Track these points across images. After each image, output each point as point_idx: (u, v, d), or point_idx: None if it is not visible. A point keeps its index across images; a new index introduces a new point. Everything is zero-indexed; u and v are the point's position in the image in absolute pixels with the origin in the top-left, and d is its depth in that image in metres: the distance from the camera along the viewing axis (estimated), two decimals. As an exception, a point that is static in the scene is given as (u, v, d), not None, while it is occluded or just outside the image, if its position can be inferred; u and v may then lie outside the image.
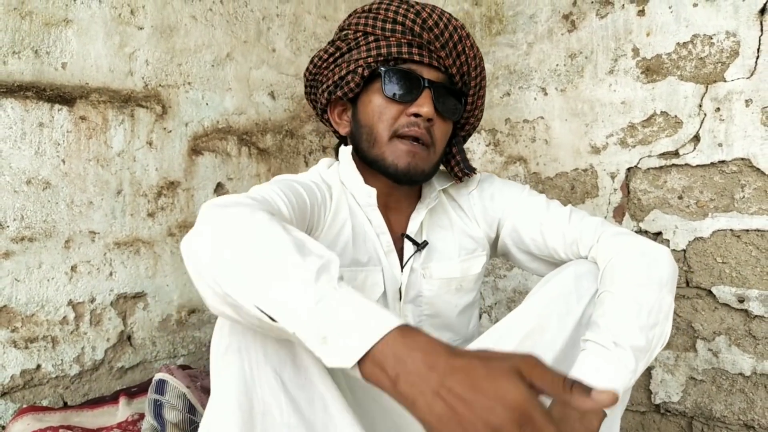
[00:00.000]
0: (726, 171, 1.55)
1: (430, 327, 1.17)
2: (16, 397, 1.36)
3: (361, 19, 1.09)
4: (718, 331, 1.58)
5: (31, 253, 1.38)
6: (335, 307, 0.63)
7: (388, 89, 1.06)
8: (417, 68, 1.07)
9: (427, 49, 1.06)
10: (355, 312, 0.62)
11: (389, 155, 1.07)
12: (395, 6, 1.07)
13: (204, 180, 1.70)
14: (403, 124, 1.06)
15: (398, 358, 0.59)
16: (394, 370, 0.59)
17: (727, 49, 1.53)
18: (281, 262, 0.67)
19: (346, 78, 1.10)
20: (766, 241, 1.50)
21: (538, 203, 1.18)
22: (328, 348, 0.61)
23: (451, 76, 1.09)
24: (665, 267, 1.00)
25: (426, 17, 1.05)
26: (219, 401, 0.79)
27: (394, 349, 0.59)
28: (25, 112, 1.37)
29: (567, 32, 1.81)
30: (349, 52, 1.10)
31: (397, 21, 1.05)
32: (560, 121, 1.83)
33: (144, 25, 1.57)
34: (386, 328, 0.60)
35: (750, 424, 1.54)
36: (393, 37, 1.06)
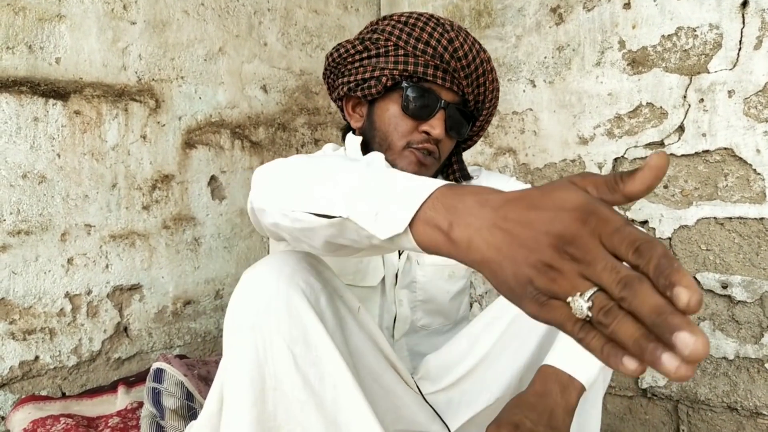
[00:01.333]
0: (710, 160, 1.59)
1: (423, 312, 1.21)
2: (15, 388, 1.38)
3: (396, 30, 1.11)
4: (702, 317, 1.62)
5: (28, 246, 1.40)
6: (382, 181, 0.64)
7: (407, 104, 1.11)
8: (437, 89, 1.11)
9: (451, 75, 1.10)
10: (401, 183, 0.62)
11: (400, 162, 1.12)
12: (431, 27, 1.10)
13: (198, 173, 1.72)
14: (416, 140, 1.11)
15: (449, 207, 0.56)
16: (447, 220, 0.56)
17: (711, 42, 1.57)
18: (331, 168, 0.72)
19: (369, 82, 1.13)
20: (748, 228, 1.54)
21: None
22: (381, 219, 0.61)
23: (466, 99, 1.14)
24: None
25: (458, 47, 1.09)
26: (232, 377, 0.81)
27: (443, 201, 0.57)
28: (20, 107, 1.38)
29: (555, 25, 1.84)
30: (377, 57, 1.13)
31: (429, 44, 1.08)
32: (549, 113, 1.86)
33: (137, 20, 1.59)
34: (432, 188, 0.59)
35: (733, 407, 1.58)
36: (423, 57, 1.09)
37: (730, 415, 1.59)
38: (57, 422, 1.22)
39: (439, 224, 0.56)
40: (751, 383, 1.55)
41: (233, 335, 0.81)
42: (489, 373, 1.04)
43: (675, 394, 1.67)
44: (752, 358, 1.55)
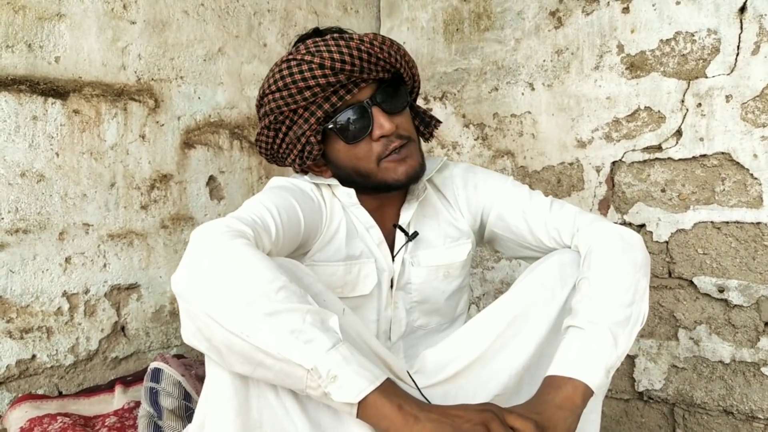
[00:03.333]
0: (707, 165, 1.60)
1: (419, 312, 1.21)
2: (12, 387, 1.38)
3: (279, 101, 1.07)
4: (699, 320, 1.62)
5: (26, 245, 1.39)
6: (346, 355, 0.74)
7: (346, 137, 1.09)
8: (354, 98, 1.07)
9: (353, 79, 1.06)
10: (359, 362, 0.75)
11: (387, 177, 1.10)
12: (297, 71, 1.04)
13: (196, 173, 1.72)
14: (379, 151, 1.09)
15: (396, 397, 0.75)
16: (396, 403, 0.75)
17: (709, 46, 1.57)
18: (288, 308, 0.76)
19: (304, 150, 1.11)
20: (745, 232, 1.55)
21: (522, 193, 1.21)
22: (336, 385, 0.72)
23: (379, 70, 1.09)
24: (639, 252, 1.04)
25: (330, 64, 1.03)
26: (215, 386, 0.82)
27: (390, 393, 0.75)
28: (19, 106, 1.38)
29: (554, 28, 1.85)
30: (289, 129, 1.11)
31: (309, 86, 1.04)
32: (547, 116, 1.87)
33: (136, 20, 1.59)
34: (383, 377, 0.75)
35: (729, 410, 1.59)
36: (316, 98, 1.05)
37: (725, 419, 1.60)
38: (54, 421, 1.22)
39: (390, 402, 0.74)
40: (747, 387, 1.56)
41: None
42: (486, 370, 1.03)
43: (671, 398, 1.68)
44: (748, 362, 1.55)
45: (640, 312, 0.98)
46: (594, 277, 0.99)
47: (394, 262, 1.17)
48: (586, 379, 0.88)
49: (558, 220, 1.14)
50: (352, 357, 0.75)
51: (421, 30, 2.15)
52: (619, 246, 1.03)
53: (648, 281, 1.02)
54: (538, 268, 1.09)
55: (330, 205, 1.14)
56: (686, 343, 1.64)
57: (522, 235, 1.19)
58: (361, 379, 0.73)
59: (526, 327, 1.03)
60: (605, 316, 0.93)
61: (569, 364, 0.90)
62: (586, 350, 0.90)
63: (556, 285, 1.05)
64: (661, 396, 1.70)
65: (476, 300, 2.06)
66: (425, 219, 1.22)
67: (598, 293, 0.96)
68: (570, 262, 1.07)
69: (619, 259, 1.01)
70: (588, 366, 0.89)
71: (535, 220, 1.16)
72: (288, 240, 1.00)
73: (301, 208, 1.05)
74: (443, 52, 2.10)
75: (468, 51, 2.03)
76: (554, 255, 1.10)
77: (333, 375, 0.72)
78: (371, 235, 1.16)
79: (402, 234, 1.18)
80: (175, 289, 0.81)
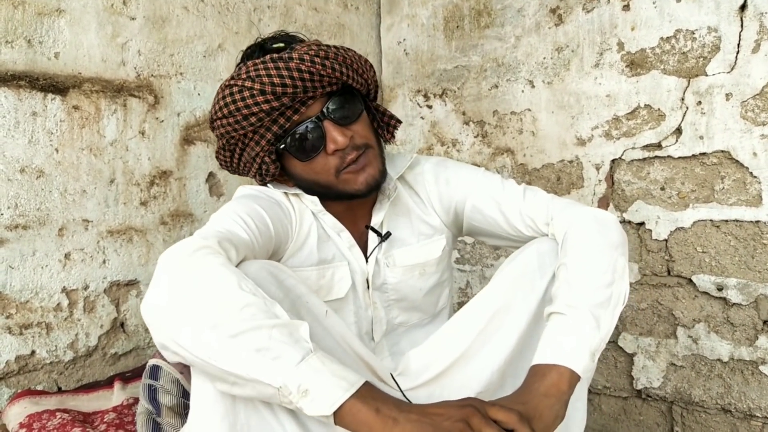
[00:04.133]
0: (707, 163, 1.60)
1: (399, 309, 1.21)
2: (11, 383, 1.38)
3: (228, 126, 1.06)
4: (697, 319, 1.62)
5: (25, 241, 1.40)
6: (317, 366, 0.73)
7: (300, 155, 1.07)
8: (304, 114, 1.05)
9: (298, 99, 1.03)
10: (332, 371, 0.74)
11: (348, 188, 1.09)
12: (239, 97, 1.02)
13: (196, 169, 1.72)
14: (336, 164, 1.07)
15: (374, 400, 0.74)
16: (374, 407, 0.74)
17: (709, 44, 1.57)
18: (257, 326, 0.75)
19: (261, 168, 1.11)
20: (744, 231, 1.55)
21: (494, 183, 1.19)
22: (308, 399, 0.71)
23: (331, 81, 1.05)
24: (614, 231, 1.03)
25: (270, 90, 1.00)
26: (200, 391, 0.82)
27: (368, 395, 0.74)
28: (19, 101, 1.38)
29: (554, 26, 1.85)
30: (243, 151, 1.10)
31: (253, 113, 1.02)
32: (547, 114, 1.87)
33: (136, 16, 1.58)
34: (360, 383, 0.74)
35: (727, 408, 1.59)
36: (262, 122, 1.04)
37: (723, 417, 1.60)
38: (53, 417, 1.22)
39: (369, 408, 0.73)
40: (745, 385, 1.56)
41: None
42: (469, 368, 1.03)
43: (669, 396, 1.68)
44: (746, 360, 1.56)
45: (621, 291, 0.97)
46: (571, 261, 0.98)
47: (368, 263, 1.17)
48: (571, 364, 0.87)
49: (531, 208, 1.13)
50: (324, 367, 0.73)
51: (421, 27, 2.14)
52: (593, 228, 1.02)
53: (626, 260, 1.01)
54: (516, 259, 1.09)
55: (299, 210, 1.13)
56: (685, 341, 1.65)
57: (499, 226, 1.18)
58: (334, 389, 0.72)
59: (507, 320, 1.03)
60: (585, 299, 0.92)
61: (553, 351, 0.88)
62: (569, 335, 0.89)
63: (535, 275, 1.04)
64: (660, 394, 1.70)
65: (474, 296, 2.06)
66: (398, 218, 1.21)
67: (576, 277, 0.95)
68: (548, 250, 1.06)
69: (594, 241, 1.00)
70: (572, 351, 0.88)
71: (509, 209, 1.15)
72: (262, 248, 0.99)
73: (269, 216, 1.04)
74: (443, 49, 2.09)
75: (468, 48, 2.03)
76: (532, 245, 1.10)
77: (304, 389, 0.71)
78: (342, 239, 1.15)
79: (375, 235, 1.17)
80: (144, 317, 0.80)
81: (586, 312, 0.90)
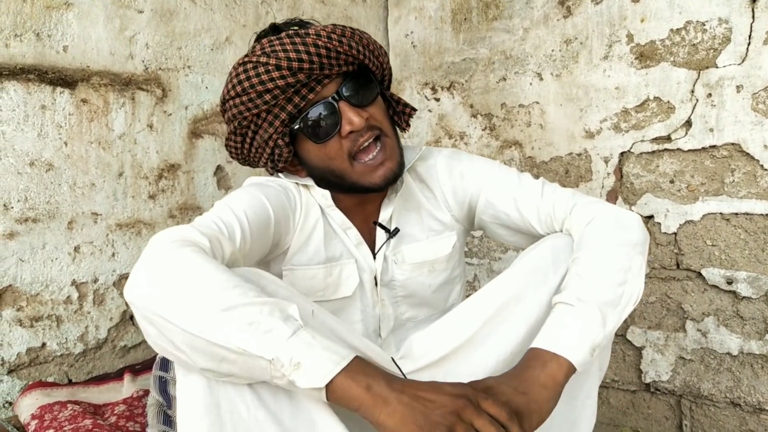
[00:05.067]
0: (716, 156, 1.59)
1: (407, 305, 1.19)
2: (23, 375, 1.39)
3: (240, 106, 1.03)
4: (707, 312, 1.62)
5: (35, 234, 1.40)
6: (308, 340, 0.73)
7: (315, 137, 1.05)
8: (320, 93, 1.03)
9: (314, 77, 1.01)
10: (323, 345, 0.74)
11: (363, 181, 1.06)
12: (254, 74, 1.00)
13: (204, 163, 1.72)
14: (350, 147, 1.04)
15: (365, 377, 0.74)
16: (365, 383, 0.73)
17: (720, 36, 1.56)
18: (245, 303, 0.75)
19: (273, 153, 1.09)
20: (754, 224, 1.54)
21: (510, 178, 1.17)
22: (300, 372, 0.71)
23: (347, 62, 1.04)
24: (635, 231, 1.02)
25: (287, 65, 0.98)
26: (187, 406, 0.81)
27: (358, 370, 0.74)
28: (28, 95, 1.39)
29: (563, 18, 1.83)
30: (256, 134, 1.07)
31: (268, 89, 1.00)
32: (555, 106, 1.86)
33: (144, 9, 1.58)
34: (350, 356, 0.74)
35: (736, 402, 1.59)
36: (277, 101, 1.02)
37: (733, 411, 1.60)
38: (64, 408, 1.23)
39: (359, 385, 0.73)
40: (754, 379, 1.56)
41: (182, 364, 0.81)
42: (476, 355, 1.01)
43: (678, 389, 1.68)
44: (756, 354, 1.55)
45: (633, 292, 0.96)
46: (585, 255, 0.97)
47: (376, 260, 1.15)
48: (571, 356, 0.86)
49: (550, 205, 1.11)
50: (315, 341, 0.73)
51: (429, 19, 2.13)
52: (612, 224, 1.01)
53: (644, 259, 1.00)
54: (530, 253, 1.07)
55: (306, 203, 1.11)
56: (694, 334, 1.64)
57: (513, 222, 1.16)
58: (326, 362, 0.72)
59: (516, 311, 1.01)
60: (595, 294, 0.91)
61: (556, 340, 0.88)
62: (574, 328, 0.89)
63: (549, 269, 1.03)
64: (668, 387, 1.70)
65: (483, 290, 2.06)
66: (407, 212, 1.19)
67: (589, 271, 0.94)
68: (563, 246, 1.05)
69: (611, 238, 0.99)
70: (574, 343, 0.87)
71: (525, 206, 1.13)
72: (257, 240, 0.98)
73: (272, 205, 1.02)
74: (451, 41, 2.09)
75: (476, 41, 2.02)
76: (547, 240, 1.08)
77: (296, 362, 0.71)
78: (349, 237, 1.13)
79: (383, 231, 1.15)
80: (128, 297, 0.79)
81: (594, 307, 0.90)
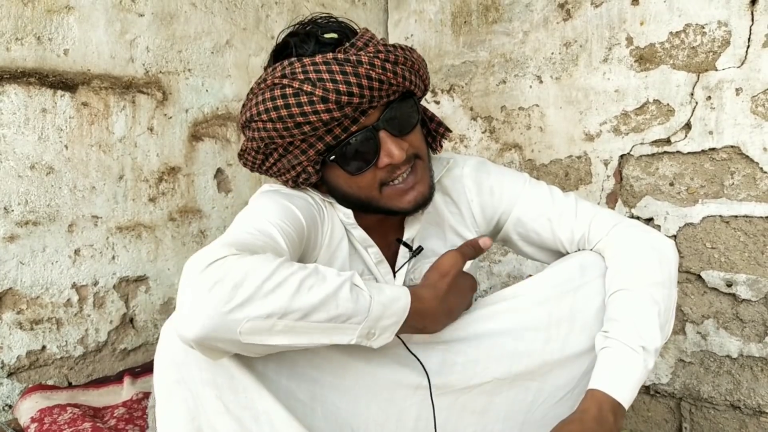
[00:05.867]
0: (716, 158, 1.59)
1: None
2: (23, 377, 1.39)
3: (272, 132, 0.92)
4: (706, 315, 1.62)
5: (36, 237, 1.41)
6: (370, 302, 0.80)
7: (349, 169, 0.97)
8: (362, 124, 0.94)
9: (360, 109, 0.92)
10: (386, 296, 0.82)
11: (392, 205, 1.00)
12: (294, 102, 0.89)
13: (204, 166, 1.73)
14: (383, 177, 0.98)
15: (419, 313, 0.88)
16: (421, 324, 0.89)
17: (719, 39, 1.56)
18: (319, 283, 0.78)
19: (300, 176, 1.01)
20: (754, 226, 1.54)
21: (543, 195, 1.12)
22: (374, 337, 0.82)
23: (390, 90, 0.94)
24: (673, 262, 1.02)
25: (335, 98, 0.88)
26: None
27: (414, 310, 0.86)
28: (29, 98, 1.39)
29: (562, 21, 1.84)
30: (283, 157, 0.98)
31: (309, 122, 0.89)
32: (555, 109, 1.86)
33: (144, 12, 1.59)
34: (406, 302, 0.84)
35: (736, 405, 1.58)
36: (316, 132, 0.92)
37: (732, 414, 1.59)
38: (64, 411, 1.23)
39: (416, 326, 0.88)
40: (754, 382, 1.55)
41: (162, 390, 0.81)
42: (486, 343, 1.01)
43: (678, 392, 1.68)
44: (756, 356, 1.55)
45: (670, 328, 0.99)
46: (636, 290, 0.97)
47: (396, 278, 1.11)
48: (623, 399, 0.90)
49: (585, 226, 1.08)
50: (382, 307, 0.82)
51: (429, 22, 2.14)
52: (655, 257, 1.00)
53: (676, 291, 1.02)
54: (556, 266, 1.07)
55: (331, 218, 1.05)
56: (693, 337, 1.64)
57: (542, 241, 1.13)
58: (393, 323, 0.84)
59: (532, 315, 1.01)
60: (654, 340, 0.93)
61: (610, 383, 0.91)
62: (634, 374, 0.91)
63: (575, 283, 1.03)
64: (668, 390, 1.69)
65: (482, 293, 2.06)
66: (429, 226, 1.13)
67: (644, 312, 0.95)
68: (591, 264, 1.04)
69: (657, 272, 0.99)
70: (628, 385, 0.91)
71: (561, 227, 1.10)
72: (294, 253, 0.90)
73: (304, 216, 0.96)
74: (451, 44, 2.09)
75: (476, 43, 2.03)
76: (575, 257, 1.07)
77: (373, 334, 0.83)
78: (370, 255, 1.08)
79: (406, 248, 1.10)
80: (197, 332, 0.70)
81: (653, 355, 0.93)
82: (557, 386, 1.03)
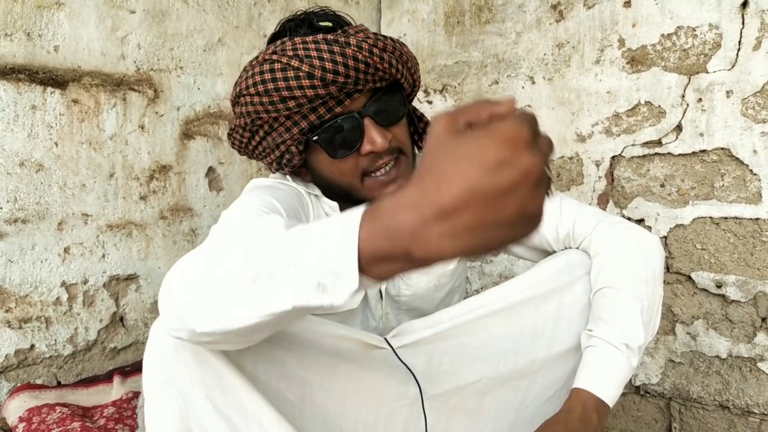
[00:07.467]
0: (707, 160, 1.60)
1: (411, 316, 1.19)
2: (11, 377, 1.38)
3: (258, 106, 0.94)
4: (696, 315, 1.63)
5: (25, 235, 1.39)
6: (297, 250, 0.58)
7: (331, 151, 0.98)
8: (347, 107, 0.95)
9: (345, 90, 0.93)
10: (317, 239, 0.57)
11: (371, 196, 1.01)
12: (281, 76, 0.90)
13: (195, 164, 1.72)
14: (365, 165, 0.99)
15: (388, 231, 0.51)
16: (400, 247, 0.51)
17: (710, 41, 1.57)
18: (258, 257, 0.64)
19: (283, 157, 1.02)
20: (743, 228, 1.55)
21: None
22: (327, 290, 0.56)
23: (376, 77, 0.96)
24: (658, 259, 1.02)
25: (320, 75, 0.89)
26: None
27: (377, 228, 0.52)
28: (18, 95, 1.38)
29: (555, 22, 1.84)
30: (268, 134, 0.99)
31: (294, 96, 0.91)
32: (547, 110, 1.87)
33: (136, 9, 1.58)
34: (355, 227, 0.53)
35: (725, 405, 1.60)
36: (300, 109, 0.93)
37: (721, 413, 1.60)
38: (52, 411, 1.22)
39: (393, 254, 0.51)
40: (743, 382, 1.57)
41: (151, 390, 0.80)
42: (472, 338, 1.01)
43: (668, 392, 1.69)
44: (745, 357, 1.56)
45: (655, 326, 0.99)
46: (620, 287, 0.98)
47: None
48: (609, 400, 0.91)
49: (570, 223, 1.08)
50: None
51: (422, 22, 2.14)
52: (640, 255, 1.01)
53: (662, 288, 1.02)
54: (543, 264, 1.08)
55: (317, 212, 1.06)
56: (683, 337, 1.65)
57: (529, 240, 1.15)
58: None
59: (516, 317, 1.02)
60: (637, 338, 0.94)
61: (593, 381, 0.92)
62: (618, 372, 0.92)
63: (563, 280, 1.04)
64: (658, 390, 1.70)
65: (474, 293, 2.06)
66: None
67: (628, 309, 0.96)
68: (577, 262, 1.05)
69: (641, 270, 1.00)
70: (611, 384, 0.92)
71: (546, 225, 1.10)
72: None
73: (284, 208, 0.95)
74: (444, 44, 2.09)
75: (469, 44, 2.03)
76: (561, 255, 1.08)
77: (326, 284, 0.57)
78: None
79: None
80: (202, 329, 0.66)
81: (636, 353, 0.94)
82: (546, 385, 1.04)
